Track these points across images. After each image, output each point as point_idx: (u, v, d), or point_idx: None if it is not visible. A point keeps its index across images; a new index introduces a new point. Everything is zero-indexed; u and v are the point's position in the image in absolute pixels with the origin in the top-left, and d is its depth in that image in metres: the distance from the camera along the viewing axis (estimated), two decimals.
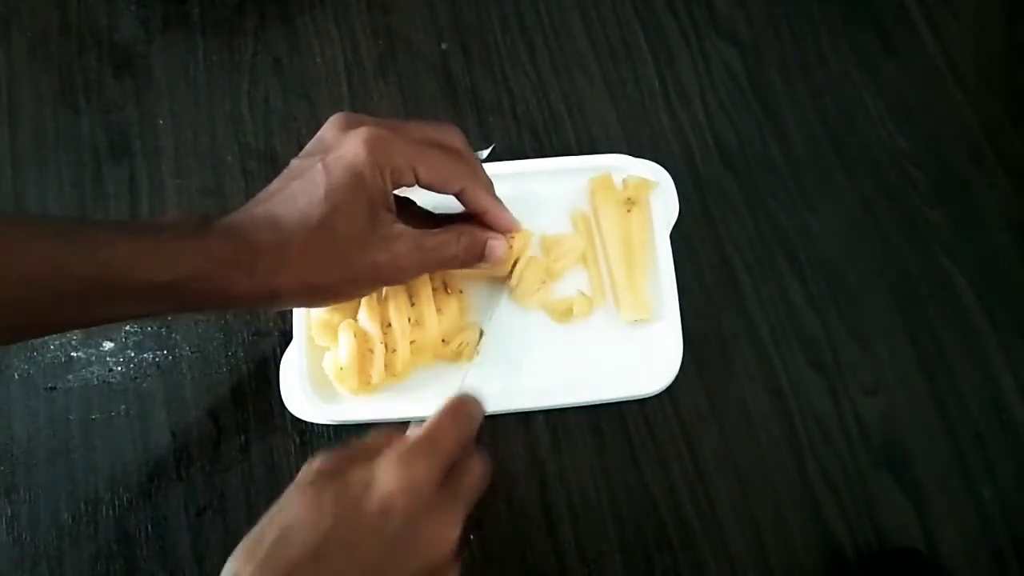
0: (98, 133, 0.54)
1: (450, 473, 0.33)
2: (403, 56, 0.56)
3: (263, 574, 0.29)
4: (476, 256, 0.42)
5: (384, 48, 0.56)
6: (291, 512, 0.31)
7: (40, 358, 0.49)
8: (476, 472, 0.35)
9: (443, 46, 0.56)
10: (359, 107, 0.55)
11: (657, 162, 0.51)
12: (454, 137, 0.41)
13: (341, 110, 0.54)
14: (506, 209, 0.42)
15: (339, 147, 0.36)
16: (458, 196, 0.40)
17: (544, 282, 0.48)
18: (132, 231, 0.34)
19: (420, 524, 0.31)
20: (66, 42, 0.56)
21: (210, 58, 0.56)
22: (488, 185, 0.42)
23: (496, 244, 0.42)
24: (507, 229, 0.43)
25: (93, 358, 0.49)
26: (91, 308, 0.34)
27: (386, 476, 0.31)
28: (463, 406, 0.35)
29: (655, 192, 0.49)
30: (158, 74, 0.56)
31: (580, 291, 0.48)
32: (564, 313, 0.48)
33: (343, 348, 0.44)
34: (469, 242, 0.41)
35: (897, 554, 0.45)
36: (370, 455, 0.33)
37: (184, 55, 0.56)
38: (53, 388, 0.49)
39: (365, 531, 0.31)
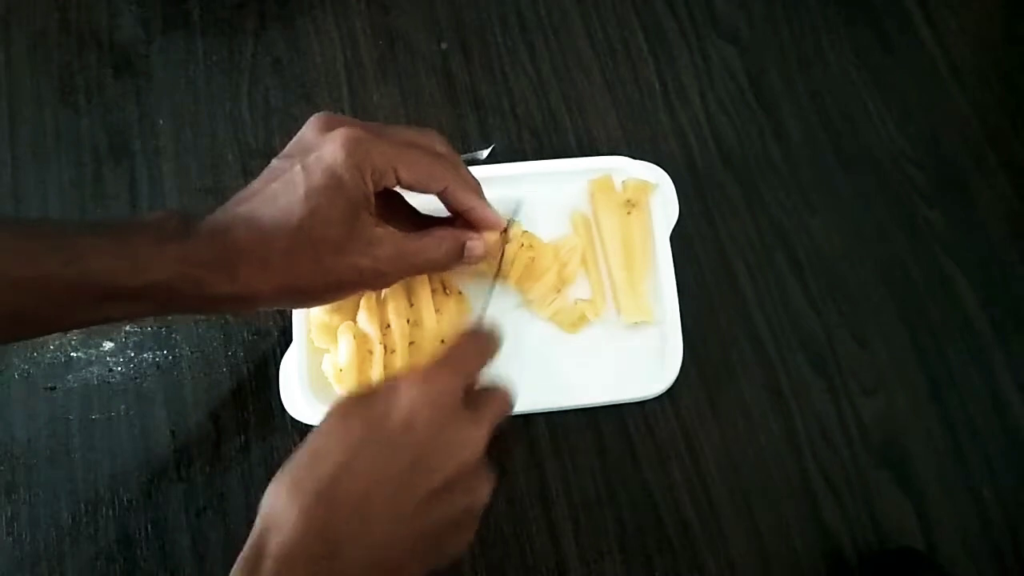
0: (98, 133, 0.54)
1: (472, 393, 0.35)
2: (403, 56, 0.56)
3: (297, 494, 0.31)
4: (457, 258, 0.42)
5: (384, 48, 0.56)
6: (321, 438, 0.33)
7: (40, 358, 0.49)
8: (499, 392, 0.36)
9: (443, 46, 0.56)
10: (359, 107, 0.55)
11: (657, 162, 0.51)
12: (435, 141, 0.41)
13: (341, 110, 0.55)
14: (490, 207, 0.42)
15: (318, 148, 0.36)
16: (441, 196, 0.40)
17: (559, 290, 0.48)
18: (113, 234, 0.35)
19: (444, 433, 0.32)
20: (66, 42, 0.56)
21: (210, 58, 0.56)
22: (471, 184, 0.41)
23: (474, 244, 0.42)
24: (491, 227, 0.42)
25: (93, 358, 0.49)
26: (74, 312, 0.35)
27: (408, 391, 0.33)
28: (480, 329, 0.37)
29: (655, 194, 0.49)
30: (158, 74, 0.56)
31: (578, 299, 0.48)
32: (574, 324, 0.47)
33: (342, 350, 0.44)
34: (450, 245, 0.41)
35: (897, 554, 0.45)
36: (392, 382, 0.34)
37: (184, 55, 0.56)
38: (53, 388, 0.49)
39: (392, 443, 0.32)
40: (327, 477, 0.31)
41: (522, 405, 0.46)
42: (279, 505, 0.31)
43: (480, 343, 0.36)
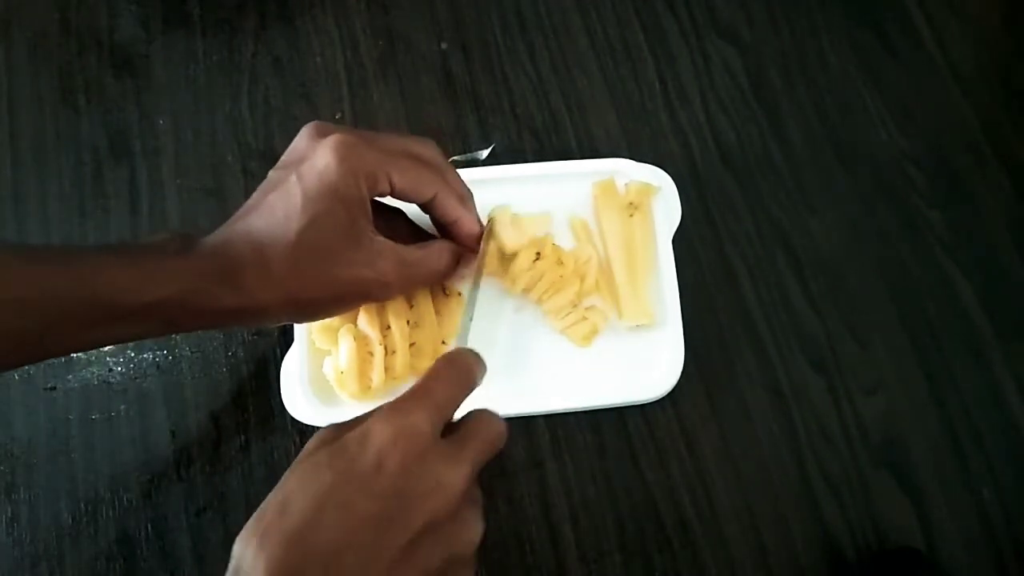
0: (98, 133, 0.54)
1: (456, 425, 0.33)
2: (403, 56, 0.56)
3: (265, 546, 0.29)
4: (454, 269, 0.42)
5: (384, 48, 0.56)
6: (290, 483, 0.30)
7: None
8: (485, 423, 0.33)
9: (443, 46, 0.56)
10: (359, 107, 0.55)
11: (657, 162, 0.51)
12: (429, 149, 0.41)
13: (341, 110, 0.55)
14: (477, 221, 0.42)
15: (311, 156, 0.36)
16: (429, 205, 0.40)
17: (575, 304, 0.47)
18: (117, 253, 0.35)
19: (417, 474, 0.30)
20: (66, 42, 0.56)
21: (210, 58, 0.56)
22: (461, 195, 0.41)
23: (469, 257, 0.43)
24: (472, 244, 0.42)
25: (93, 358, 0.49)
26: (81, 332, 0.34)
27: (378, 429, 0.30)
28: (458, 356, 0.34)
29: (657, 197, 0.49)
30: (158, 74, 0.56)
31: (587, 307, 0.48)
32: (586, 337, 0.47)
33: (343, 352, 0.44)
34: (450, 258, 0.42)
35: (897, 554, 0.45)
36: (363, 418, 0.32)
37: (184, 55, 0.56)
38: (53, 388, 0.49)
39: (360, 488, 0.29)
40: (295, 527, 0.29)
41: (523, 408, 0.47)
42: (248, 556, 0.29)
43: (457, 370, 0.34)
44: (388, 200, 0.43)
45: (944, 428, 0.48)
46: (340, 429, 0.32)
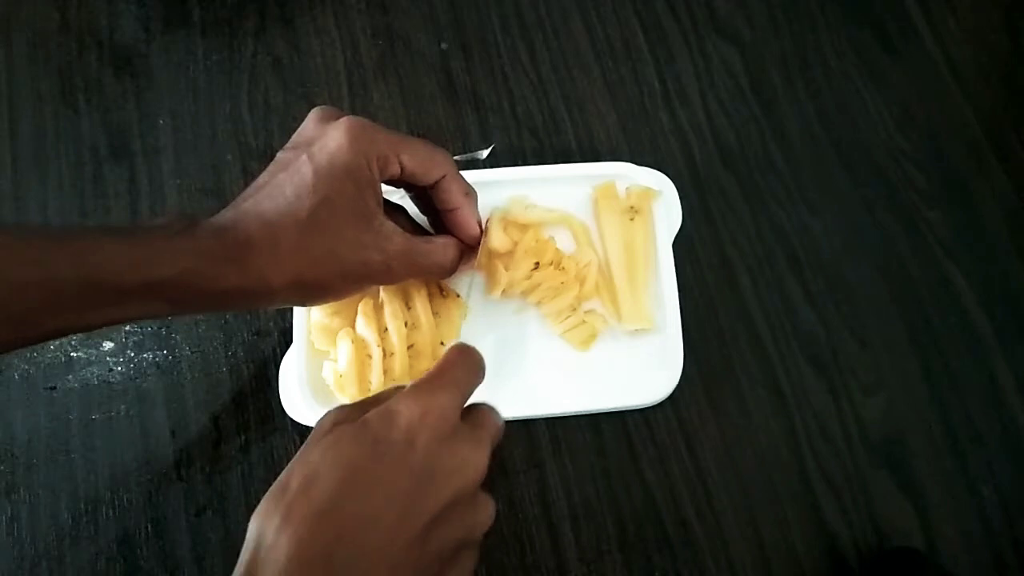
0: (98, 133, 0.54)
1: (466, 413, 0.33)
2: (403, 56, 0.56)
3: (291, 522, 0.28)
4: (456, 266, 0.43)
5: (384, 48, 0.56)
6: (312, 458, 0.30)
7: (40, 358, 0.49)
8: (491, 413, 0.34)
9: (443, 46, 0.56)
10: (359, 107, 0.55)
11: (656, 162, 0.51)
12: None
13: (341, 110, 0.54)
14: (475, 214, 0.42)
15: (322, 137, 0.37)
16: (435, 189, 0.40)
17: (575, 309, 0.47)
18: (121, 233, 0.34)
19: (446, 449, 0.31)
20: (66, 42, 0.56)
21: (210, 58, 0.56)
22: (465, 188, 0.41)
23: (468, 257, 0.43)
24: (468, 234, 0.43)
25: (93, 358, 0.49)
26: (85, 313, 0.34)
27: (407, 406, 0.31)
28: (468, 347, 0.35)
29: (658, 201, 0.49)
30: (158, 74, 0.56)
31: (587, 311, 0.48)
32: (585, 342, 0.47)
33: (342, 355, 0.43)
34: (455, 253, 0.42)
35: (897, 554, 0.45)
36: (383, 399, 0.32)
37: (184, 55, 0.56)
38: (53, 388, 0.49)
39: (390, 462, 0.30)
40: (325, 501, 0.28)
41: (522, 411, 0.46)
42: (270, 532, 0.28)
43: (471, 358, 0.35)
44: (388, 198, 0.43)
45: (944, 428, 0.48)
46: (354, 410, 0.32)
